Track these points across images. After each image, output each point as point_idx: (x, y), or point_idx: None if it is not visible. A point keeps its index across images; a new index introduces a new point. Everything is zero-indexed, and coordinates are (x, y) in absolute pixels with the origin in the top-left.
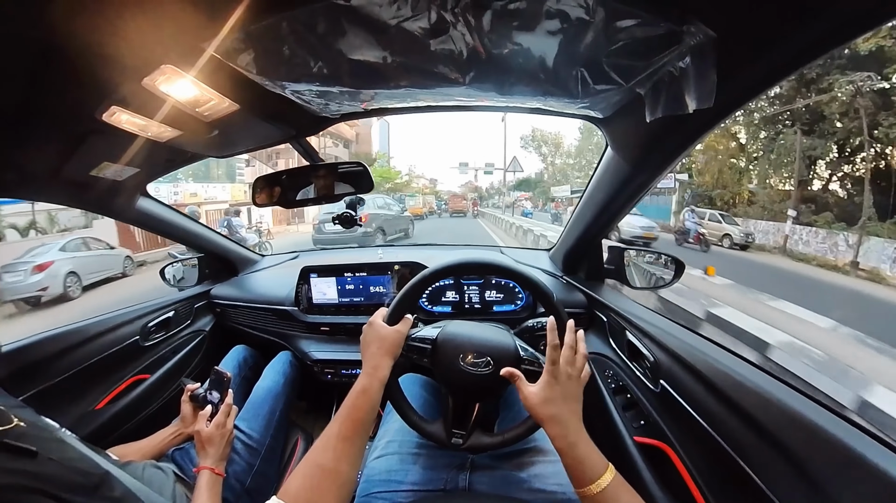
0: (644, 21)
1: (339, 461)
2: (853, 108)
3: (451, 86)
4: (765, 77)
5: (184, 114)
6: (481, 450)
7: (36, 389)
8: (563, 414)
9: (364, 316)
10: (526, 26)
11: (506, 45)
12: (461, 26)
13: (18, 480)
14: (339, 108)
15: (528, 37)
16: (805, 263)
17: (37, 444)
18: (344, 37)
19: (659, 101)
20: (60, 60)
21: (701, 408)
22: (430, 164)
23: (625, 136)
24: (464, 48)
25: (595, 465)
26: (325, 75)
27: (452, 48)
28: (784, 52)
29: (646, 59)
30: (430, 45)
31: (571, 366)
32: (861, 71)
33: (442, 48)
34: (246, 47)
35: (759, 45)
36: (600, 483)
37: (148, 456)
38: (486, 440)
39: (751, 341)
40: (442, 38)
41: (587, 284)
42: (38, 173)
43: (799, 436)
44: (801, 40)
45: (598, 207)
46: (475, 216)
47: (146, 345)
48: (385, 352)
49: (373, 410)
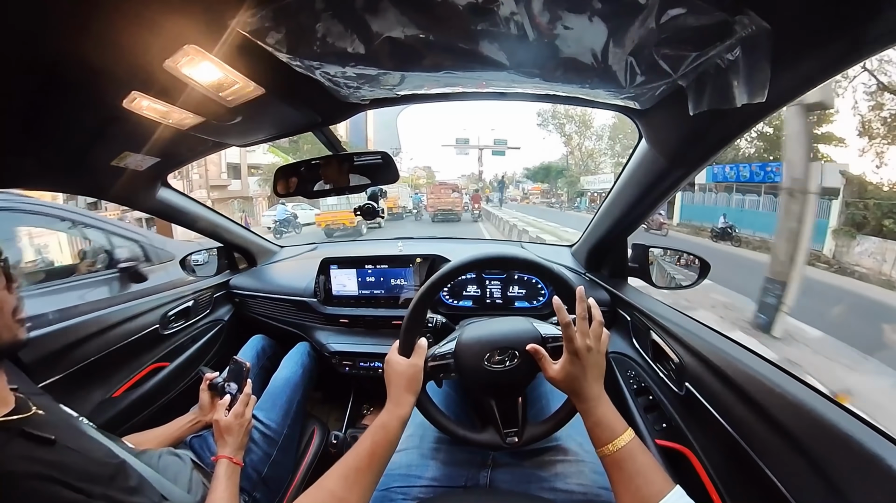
0: (697, 9)
1: (350, 490)
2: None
3: (495, 70)
4: (817, 72)
5: (206, 99)
6: (538, 439)
7: (58, 376)
8: (584, 387)
9: (384, 308)
10: (577, 9)
11: (555, 28)
12: (510, 6)
13: (36, 469)
14: (370, 93)
15: (578, 20)
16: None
17: (55, 433)
18: (384, 13)
19: (703, 94)
20: (79, 47)
21: (728, 414)
22: (428, 149)
23: (663, 130)
24: (512, 29)
25: (614, 427)
26: (361, 55)
27: (499, 29)
28: (838, 48)
29: (696, 49)
30: (477, 25)
31: (588, 337)
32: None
33: (488, 28)
34: (276, 25)
35: (813, 40)
36: (617, 443)
37: (165, 443)
38: (540, 429)
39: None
40: (489, 18)
41: (610, 282)
42: (59, 164)
43: (829, 446)
44: (857, 36)
45: (629, 203)
46: (476, 219)
47: (166, 333)
48: (404, 388)
49: (390, 446)
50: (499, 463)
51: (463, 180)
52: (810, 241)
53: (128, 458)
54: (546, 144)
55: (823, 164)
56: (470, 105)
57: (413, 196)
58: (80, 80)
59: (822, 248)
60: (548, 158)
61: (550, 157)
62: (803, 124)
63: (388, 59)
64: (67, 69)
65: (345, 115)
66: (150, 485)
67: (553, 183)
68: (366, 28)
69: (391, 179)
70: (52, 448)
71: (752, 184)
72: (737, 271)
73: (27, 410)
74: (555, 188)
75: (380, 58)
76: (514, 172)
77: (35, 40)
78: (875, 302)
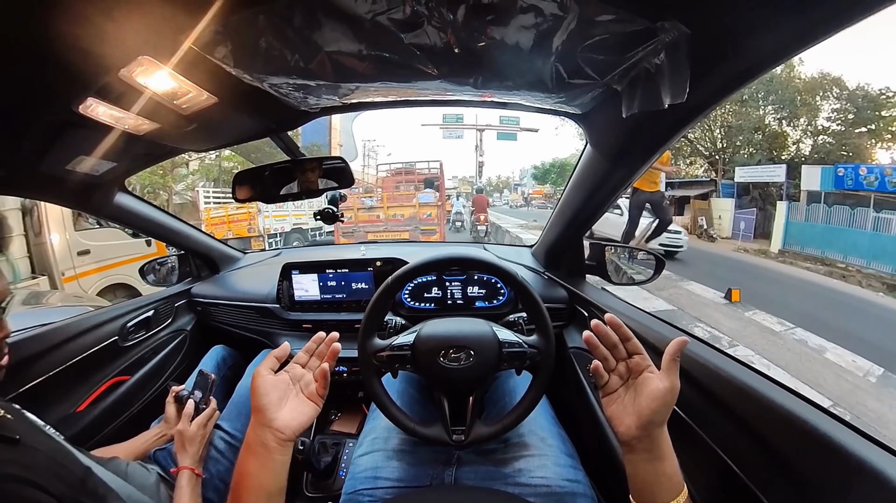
0: (619, 17)
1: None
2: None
3: (426, 80)
4: (739, 74)
5: (161, 106)
6: (484, 440)
7: (16, 392)
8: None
9: (346, 312)
10: (500, 21)
11: (480, 40)
12: (435, 20)
13: (8, 470)
14: (318, 102)
15: (502, 31)
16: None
17: (20, 434)
18: (320, 30)
19: (635, 97)
20: (36, 51)
21: (684, 403)
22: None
23: (603, 132)
24: (438, 42)
25: (677, 481)
26: (302, 68)
27: (426, 42)
28: (758, 50)
29: (620, 54)
30: (405, 39)
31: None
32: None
33: (416, 42)
34: (223, 40)
35: (733, 43)
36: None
37: (132, 457)
38: (487, 430)
39: None
40: (416, 32)
41: (568, 280)
42: (15, 168)
43: (788, 434)
44: (774, 39)
45: (579, 204)
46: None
47: (126, 345)
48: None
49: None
50: (463, 461)
51: (454, 182)
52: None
53: (93, 466)
54: (558, 140)
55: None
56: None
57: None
58: (36, 83)
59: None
60: (560, 154)
61: (561, 154)
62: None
63: (328, 72)
64: (22, 72)
65: (298, 123)
66: (116, 494)
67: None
68: (305, 43)
69: (348, 183)
70: (17, 447)
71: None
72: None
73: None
74: (556, 191)
75: (319, 71)
76: (512, 173)
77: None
78: None
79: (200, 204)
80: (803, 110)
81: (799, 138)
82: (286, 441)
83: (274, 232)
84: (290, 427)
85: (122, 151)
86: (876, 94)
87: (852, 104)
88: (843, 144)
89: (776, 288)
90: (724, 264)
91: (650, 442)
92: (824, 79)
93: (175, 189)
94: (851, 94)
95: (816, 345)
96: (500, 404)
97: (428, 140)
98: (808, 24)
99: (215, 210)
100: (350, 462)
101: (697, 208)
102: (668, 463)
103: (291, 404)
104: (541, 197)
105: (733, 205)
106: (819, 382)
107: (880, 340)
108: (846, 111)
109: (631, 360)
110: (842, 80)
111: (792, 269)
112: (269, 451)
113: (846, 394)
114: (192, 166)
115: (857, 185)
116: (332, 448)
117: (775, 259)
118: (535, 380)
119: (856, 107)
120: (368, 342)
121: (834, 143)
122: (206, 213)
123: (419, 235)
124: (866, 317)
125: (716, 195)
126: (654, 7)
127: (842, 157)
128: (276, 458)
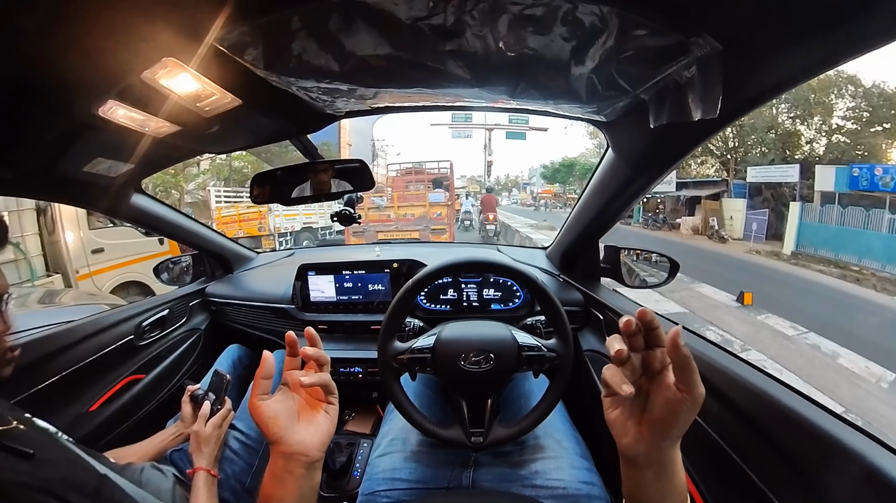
0: (654, 31)
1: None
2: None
3: (462, 87)
4: (768, 89)
5: (184, 108)
6: (502, 442)
7: (28, 392)
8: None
9: (362, 314)
10: (541, 31)
11: (520, 49)
12: (477, 29)
13: (23, 478)
14: (344, 106)
15: (541, 41)
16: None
17: (35, 447)
18: (357, 34)
19: (663, 108)
20: (57, 54)
21: (704, 412)
22: (421, 136)
23: (627, 140)
24: (478, 50)
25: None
26: (335, 72)
27: (467, 50)
28: (786, 67)
29: (654, 67)
30: (445, 46)
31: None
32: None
33: (456, 49)
34: (253, 41)
35: (763, 60)
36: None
37: (147, 457)
38: (505, 432)
39: None
40: (457, 39)
41: (583, 283)
42: (32, 170)
43: (794, 435)
44: (804, 57)
45: (598, 208)
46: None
47: (141, 344)
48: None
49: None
50: (480, 463)
51: (463, 181)
52: None
53: (109, 474)
54: (568, 139)
55: None
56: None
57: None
58: (57, 87)
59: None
60: (569, 153)
61: (571, 153)
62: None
63: (361, 76)
64: (43, 76)
65: (321, 125)
66: (133, 500)
67: (580, 183)
68: (340, 47)
69: (368, 186)
70: (31, 462)
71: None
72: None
73: (7, 423)
74: (566, 190)
75: (353, 75)
76: (521, 172)
77: (8, 45)
78: None
79: (212, 203)
80: (817, 109)
81: (813, 137)
82: (315, 462)
83: (284, 231)
84: (313, 447)
85: (139, 153)
86: (892, 91)
87: (868, 102)
88: (859, 144)
89: (789, 291)
90: (736, 266)
91: (659, 457)
92: (839, 76)
93: (186, 188)
94: (867, 91)
95: (830, 350)
96: (516, 406)
97: (437, 139)
98: (837, 44)
99: (226, 209)
100: (366, 462)
101: (709, 209)
102: (678, 480)
103: (305, 419)
104: (550, 196)
105: (745, 205)
106: (832, 388)
107: (894, 345)
108: (861, 109)
109: (650, 353)
110: (857, 77)
111: (805, 272)
112: (297, 478)
113: (859, 401)
114: (203, 166)
115: (873, 185)
116: (346, 448)
117: (788, 261)
118: (553, 383)
119: (871, 105)
120: (389, 345)
121: (849, 143)
122: (217, 212)
123: (429, 235)
124: (881, 322)
125: (727, 195)
126: (689, 23)
127: (857, 156)
128: (304, 484)
